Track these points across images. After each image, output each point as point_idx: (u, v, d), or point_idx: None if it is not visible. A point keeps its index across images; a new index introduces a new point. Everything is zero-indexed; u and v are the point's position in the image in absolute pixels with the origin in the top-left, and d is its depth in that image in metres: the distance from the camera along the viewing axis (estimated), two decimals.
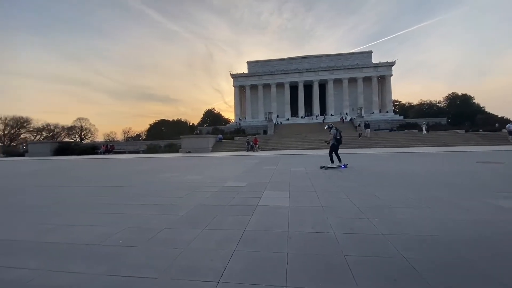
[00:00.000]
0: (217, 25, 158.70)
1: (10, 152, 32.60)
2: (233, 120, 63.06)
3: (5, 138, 63.88)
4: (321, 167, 8.88)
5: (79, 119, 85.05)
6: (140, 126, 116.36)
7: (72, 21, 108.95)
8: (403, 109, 67.36)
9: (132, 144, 34.42)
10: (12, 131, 67.03)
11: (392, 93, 55.83)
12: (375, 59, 57.82)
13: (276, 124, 44.97)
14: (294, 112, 58.56)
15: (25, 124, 70.37)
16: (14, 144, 58.57)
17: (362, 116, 42.80)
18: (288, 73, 57.27)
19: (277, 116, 54.93)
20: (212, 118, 77.25)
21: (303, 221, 3.22)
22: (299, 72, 56.82)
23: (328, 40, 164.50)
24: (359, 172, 7.70)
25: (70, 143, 33.76)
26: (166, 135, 49.22)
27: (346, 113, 53.08)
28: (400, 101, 74.85)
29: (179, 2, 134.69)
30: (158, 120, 64.51)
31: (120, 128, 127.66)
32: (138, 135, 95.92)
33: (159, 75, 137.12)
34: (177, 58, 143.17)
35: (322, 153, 15.80)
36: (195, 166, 11.29)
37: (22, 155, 29.89)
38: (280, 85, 58.47)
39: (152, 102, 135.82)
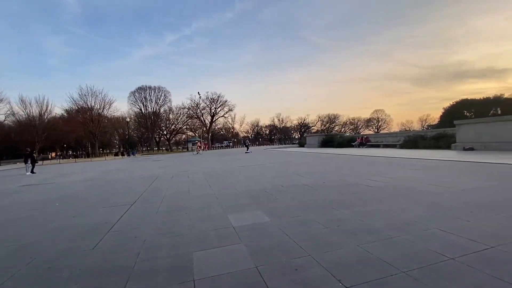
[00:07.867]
0: None
1: (302, 144, 40.44)
2: None
3: (324, 131, 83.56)
4: None
5: (376, 111, 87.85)
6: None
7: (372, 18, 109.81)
8: None
9: (392, 136, 26.09)
10: (327, 125, 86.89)
11: None
12: None
13: None
14: None
15: (335, 120, 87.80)
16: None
17: None
18: None
19: None
20: None
21: None
22: None
23: None
24: None
25: (335, 136, 33.91)
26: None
27: None
28: None
29: None
30: (455, 102, 43.96)
31: (418, 116, 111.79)
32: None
33: (478, 44, 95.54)
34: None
35: None
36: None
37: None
38: None
39: (466, 80, 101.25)
